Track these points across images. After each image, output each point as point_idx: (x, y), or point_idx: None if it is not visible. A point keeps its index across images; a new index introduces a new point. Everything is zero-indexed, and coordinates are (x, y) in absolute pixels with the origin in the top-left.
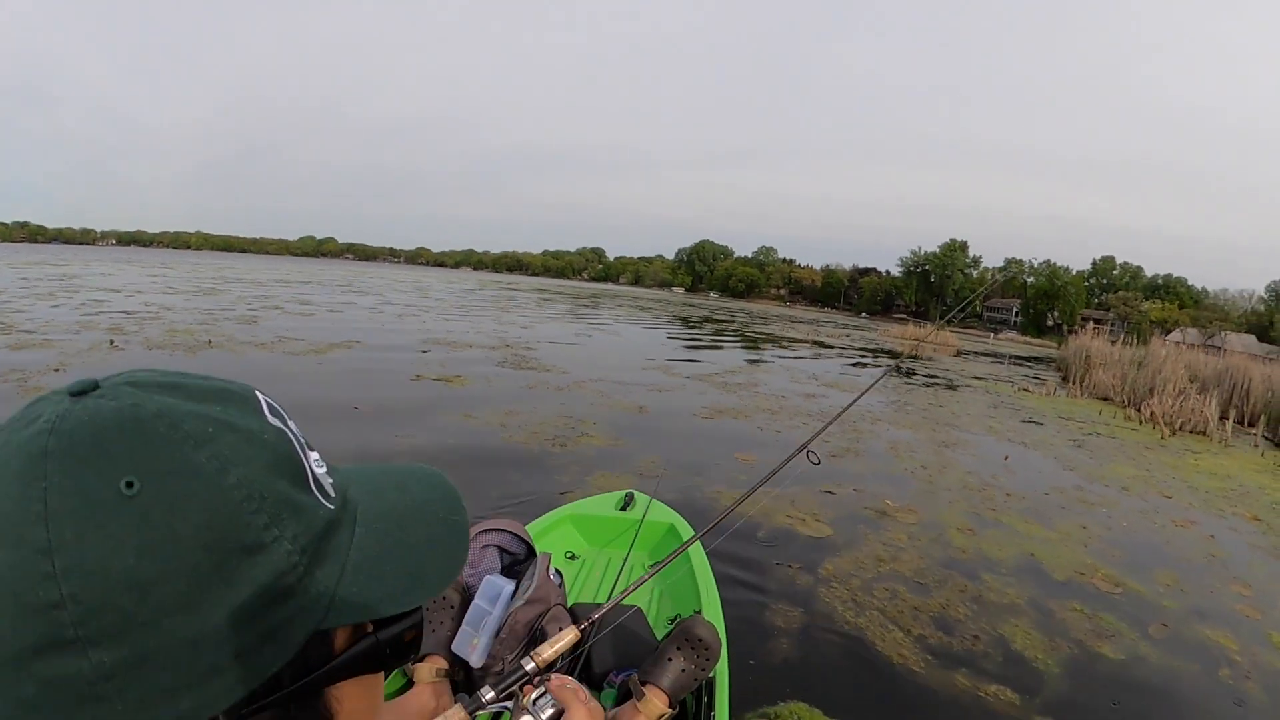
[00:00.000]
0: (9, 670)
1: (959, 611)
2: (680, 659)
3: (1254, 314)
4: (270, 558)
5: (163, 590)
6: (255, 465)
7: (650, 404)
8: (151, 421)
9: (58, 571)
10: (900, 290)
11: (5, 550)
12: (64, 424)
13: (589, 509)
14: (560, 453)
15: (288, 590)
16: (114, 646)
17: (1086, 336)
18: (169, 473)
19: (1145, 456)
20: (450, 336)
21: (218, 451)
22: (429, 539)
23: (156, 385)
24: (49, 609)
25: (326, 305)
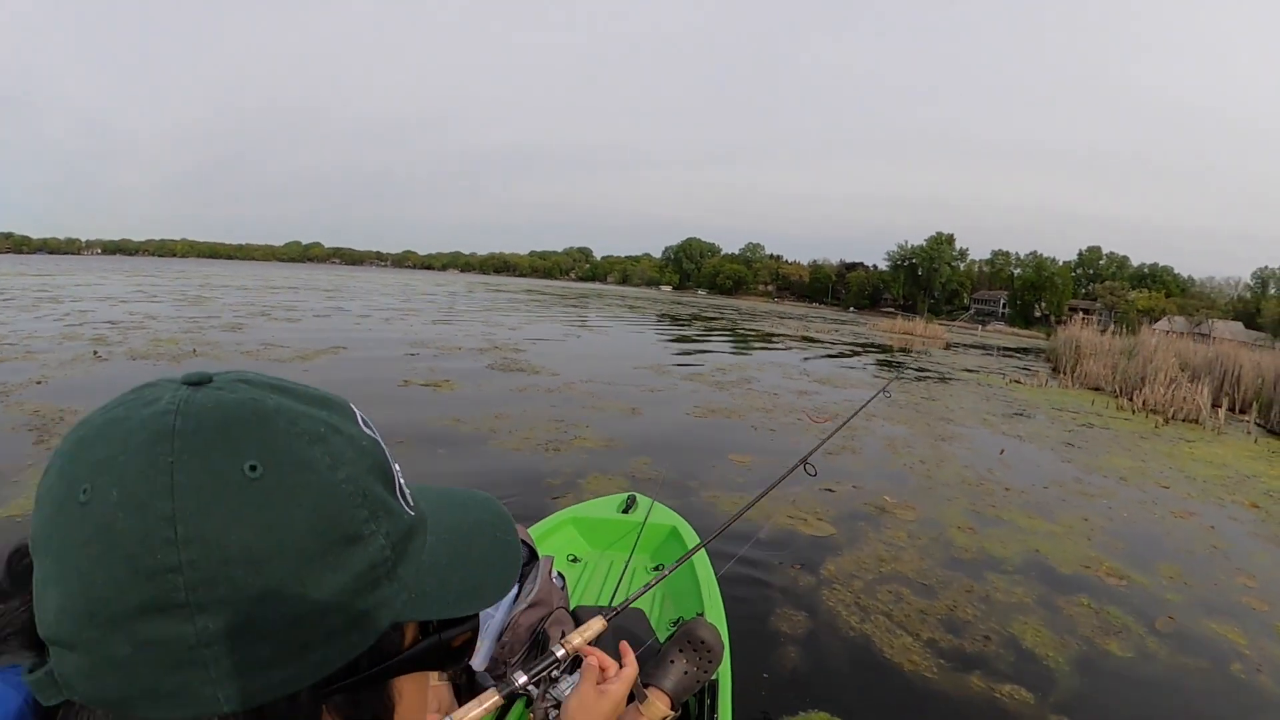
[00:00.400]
0: (109, 628)
1: (966, 613)
2: (683, 661)
3: (1240, 301)
4: (367, 549)
5: (273, 567)
6: (359, 466)
7: (642, 405)
8: (273, 416)
9: (179, 539)
10: (888, 284)
11: (127, 515)
12: (189, 408)
13: (591, 511)
14: (552, 457)
15: (377, 581)
16: (220, 614)
17: (1076, 327)
18: (289, 463)
19: (1140, 446)
20: (438, 340)
21: (330, 450)
22: (487, 555)
23: (268, 385)
24: (165, 572)
25: (313, 311)
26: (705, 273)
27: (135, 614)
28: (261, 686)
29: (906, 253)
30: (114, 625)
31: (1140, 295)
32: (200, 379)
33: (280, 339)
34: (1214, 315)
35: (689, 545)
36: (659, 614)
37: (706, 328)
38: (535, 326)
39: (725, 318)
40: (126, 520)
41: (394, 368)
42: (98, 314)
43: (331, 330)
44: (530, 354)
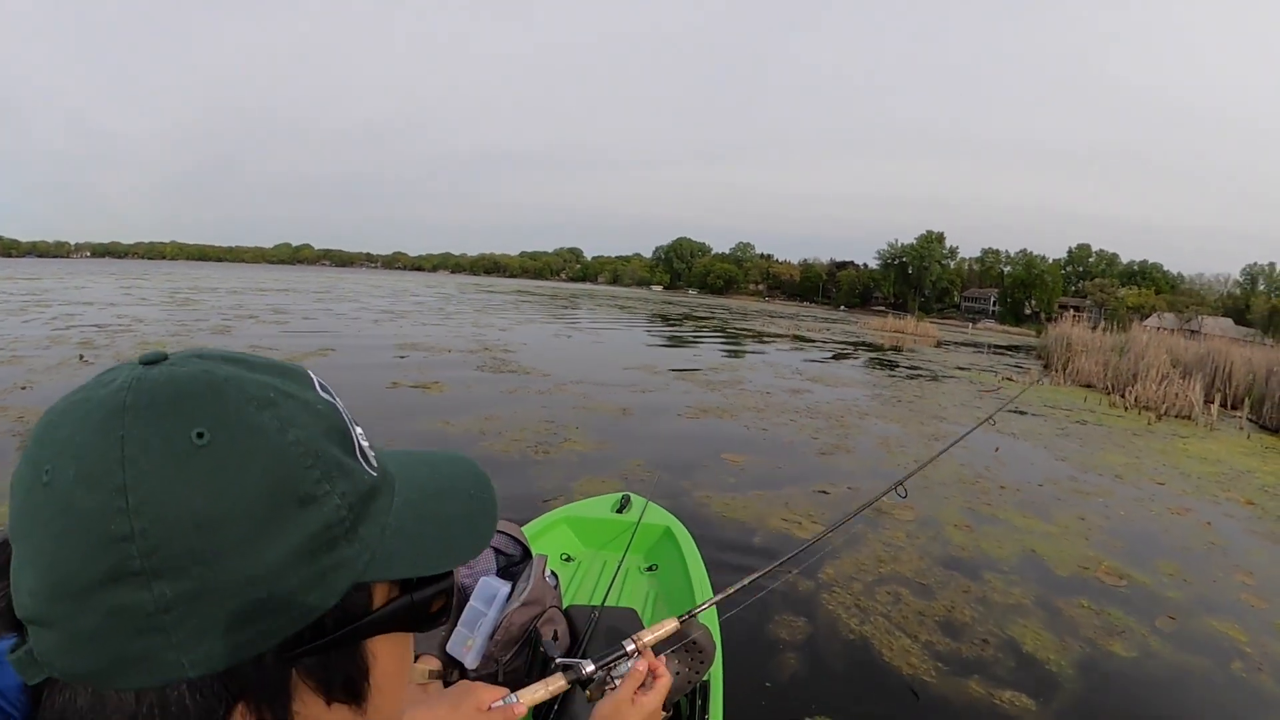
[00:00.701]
0: (75, 601)
1: (965, 614)
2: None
3: (1230, 297)
4: (321, 510)
5: (226, 531)
6: (311, 429)
7: (634, 405)
8: (222, 385)
9: (130, 507)
10: (878, 282)
11: (85, 490)
12: (141, 384)
13: (585, 511)
14: (543, 460)
15: (334, 541)
16: (176, 580)
17: (1067, 324)
18: (237, 427)
19: (1134, 443)
20: (428, 341)
21: (279, 414)
22: (460, 513)
23: (222, 358)
24: (119, 541)
25: (302, 313)
26: (696, 272)
27: (98, 585)
28: (224, 650)
29: (897, 251)
30: (81, 598)
31: (1130, 292)
32: (156, 358)
33: (268, 342)
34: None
35: (682, 545)
36: (651, 614)
37: (698, 327)
38: (526, 327)
39: (716, 317)
40: (83, 495)
41: (383, 370)
42: (85, 317)
43: (320, 332)
44: (521, 355)
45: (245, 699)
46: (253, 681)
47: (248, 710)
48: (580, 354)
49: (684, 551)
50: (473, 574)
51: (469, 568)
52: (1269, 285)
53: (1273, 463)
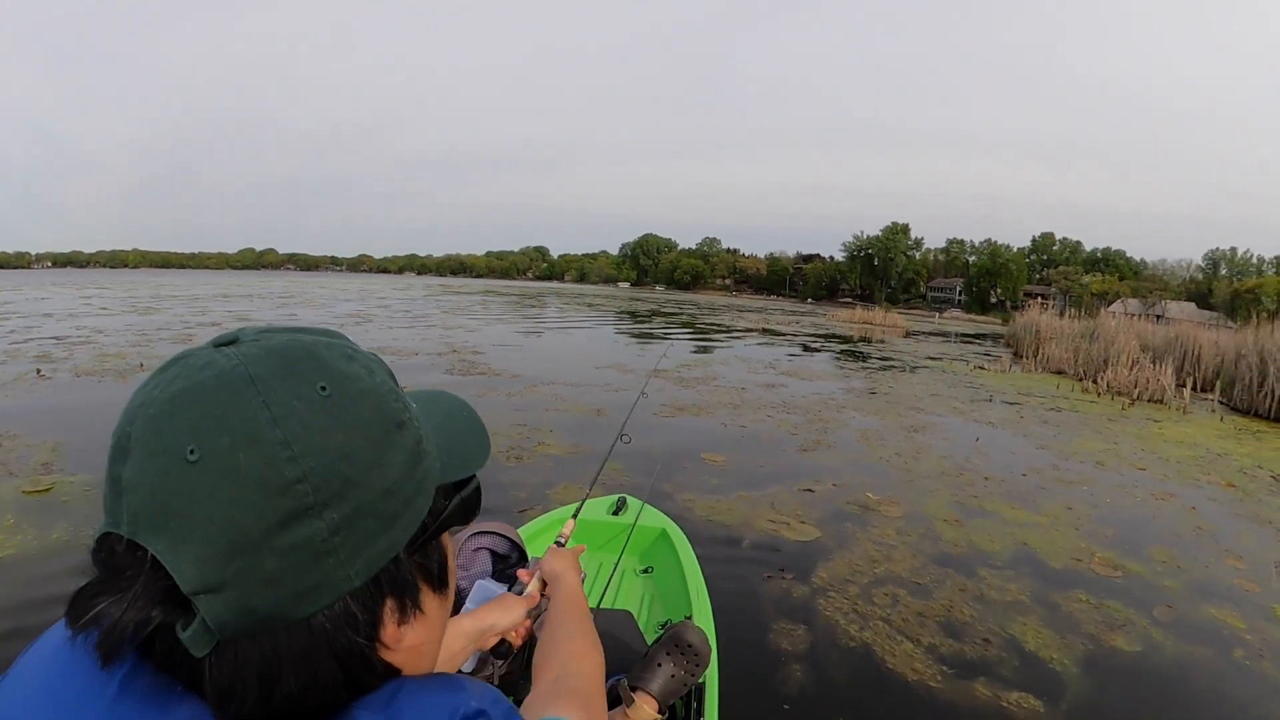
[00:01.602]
0: (254, 551)
1: (964, 613)
2: (670, 664)
3: (1192, 282)
4: (410, 431)
5: (363, 456)
6: (381, 371)
7: (608, 405)
8: (315, 347)
9: (296, 454)
10: (844, 275)
11: (248, 452)
12: (251, 359)
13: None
14: (516, 466)
15: (421, 454)
16: (340, 505)
17: (1034, 311)
18: (343, 377)
19: (1110, 429)
20: (395, 344)
21: (361, 364)
22: (467, 429)
23: (288, 330)
24: (294, 484)
25: (266, 319)
26: (663, 268)
27: (277, 529)
28: (377, 555)
29: (862, 243)
30: (259, 547)
31: (1094, 279)
32: (231, 339)
33: None
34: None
35: (678, 547)
36: (647, 616)
37: (667, 323)
38: (494, 328)
39: (685, 313)
40: (248, 456)
41: None
42: (44, 329)
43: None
44: (490, 356)
45: (391, 595)
46: (394, 579)
47: (394, 605)
48: (550, 354)
49: (679, 553)
50: (468, 577)
51: (464, 570)
52: (1231, 270)
53: (1247, 444)
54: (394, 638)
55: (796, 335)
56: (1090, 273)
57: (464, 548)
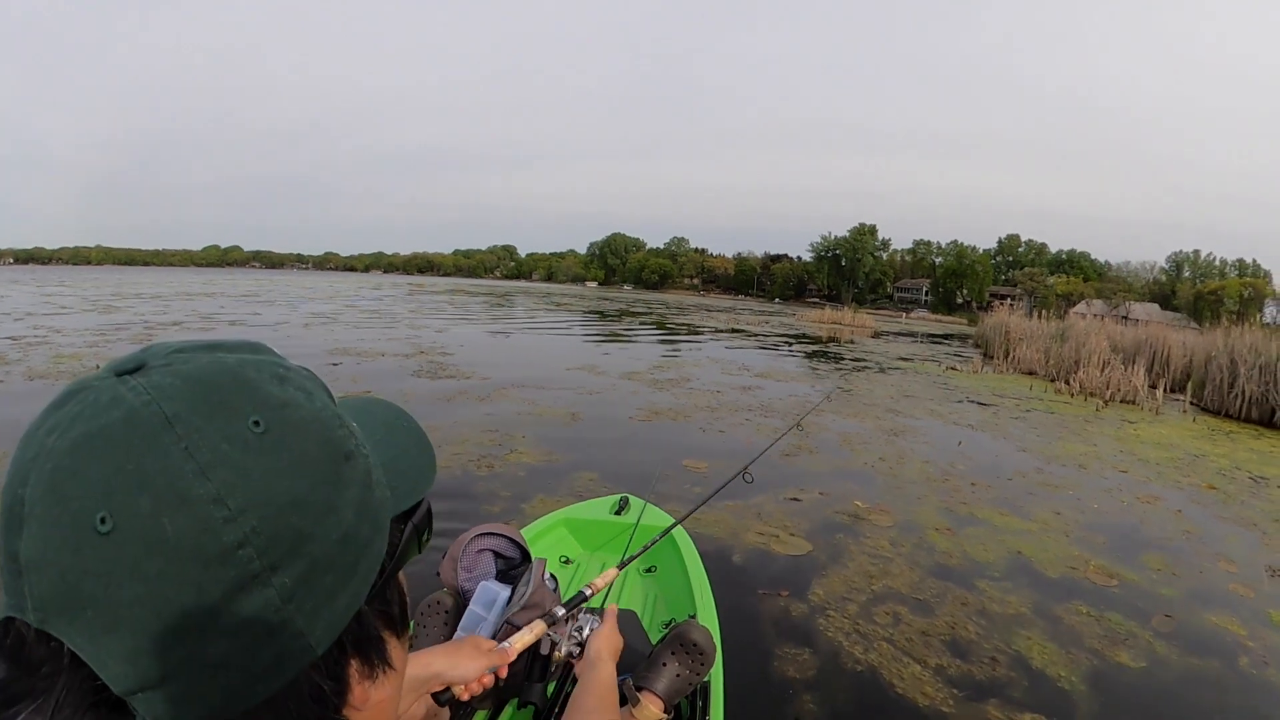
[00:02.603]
0: (194, 639)
1: (968, 630)
2: (675, 664)
3: (1156, 284)
4: (360, 461)
5: (313, 501)
6: (319, 392)
7: (581, 409)
8: (241, 369)
9: (235, 512)
10: (812, 275)
11: (174, 515)
12: (162, 392)
13: (583, 513)
14: (487, 475)
15: (371, 487)
16: (292, 565)
17: (1003, 312)
18: (279, 406)
19: (1087, 430)
20: (361, 345)
21: (296, 385)
22: (410, 443)
23: (201, 347)
24: (234, 550)
25: (228, 318)
26: (631, 268)
27: (220, 606)
28: (339, 614)
29: (830, 244)
30: (201, 629)
31: (1059, 280)
32: (136, 364)
33: None
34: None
35: (681, 547)
36: (651, 616)
37: (637, 323)
38: (462, 328)
39: (654, 312)
40: (175, 521)
41: None
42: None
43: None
44: (458, 358)
45: (356, 656)
46: (358, 637)
47: (361, 665)
48: (520, 355)
49: (683, 553)
50: (473, 578)
51: (468, 571)
52: (1194, 272)
53: (1222, 445)
54: (361, 699)
55: (768, 336)
56: (1055, 274)
57: (468, 549)
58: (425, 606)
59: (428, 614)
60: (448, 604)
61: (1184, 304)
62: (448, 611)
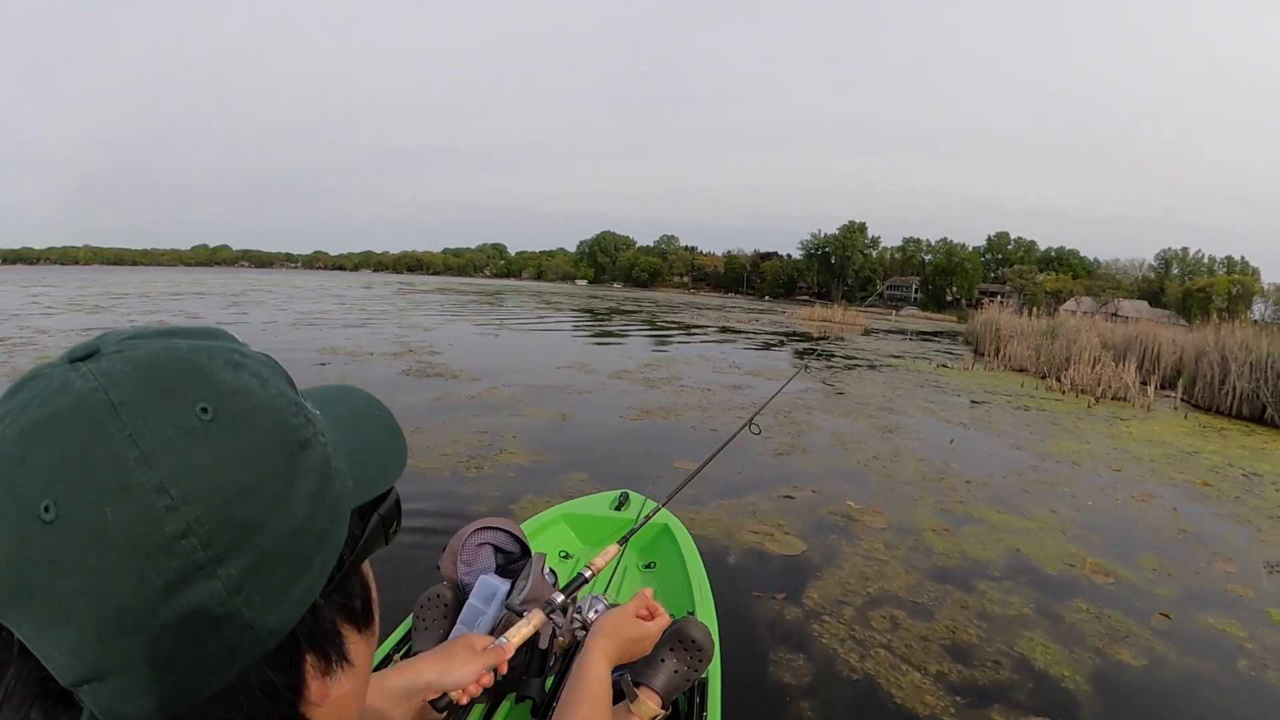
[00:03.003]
0: (141, 627)
1: (970, 634)
2: (673, 660)
3: (1144, 281)
4: (315, 450)
5: (262, 491)
6: (276, 378)
7: (572, 409)
8: (192, 355)
9: (177, 502)
10: (802, 273)
11: (115, 504)
12: (111, 378)
13: (583, 508)
14: (477, 476)
15: (331, 474)
16: (238, 556)
17: (993, 309)
18: (230, 393)
19: (1080, 427)
20: (349, 345)
21: (251, 371)
22: (380, 431)
23: (157, 334)
24: (178, 539)
25: (216, 317)
26: (621, 266)
27: (164, 597)
28: (291, 608)
29: (820, 242)
30: (145, 622)
31: (1048, 277)
32: (90, 350)
33: None
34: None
35: (680, 542)
36: None
37: (627, 321)
38: (451, 327)
39: (644, 310)
40: (117, 510)
41: (298, 379)
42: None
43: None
44: (447, 357)
45: (311, 650)
46: (314, 631)
47: (317, 660)
48: (509, 354)
49: (682, 549)
50: (472, 572)
51: (468, 565)
52: (1182, 269)
53: (1214, 441)
54: (319, 694)
55: (758, 334)
56: (1044, 271)
57: (468, 543)
58: (425, 600)
59: (427, 607)
60: (447, 597)
61: (1173, 301)
62: (447, 605)
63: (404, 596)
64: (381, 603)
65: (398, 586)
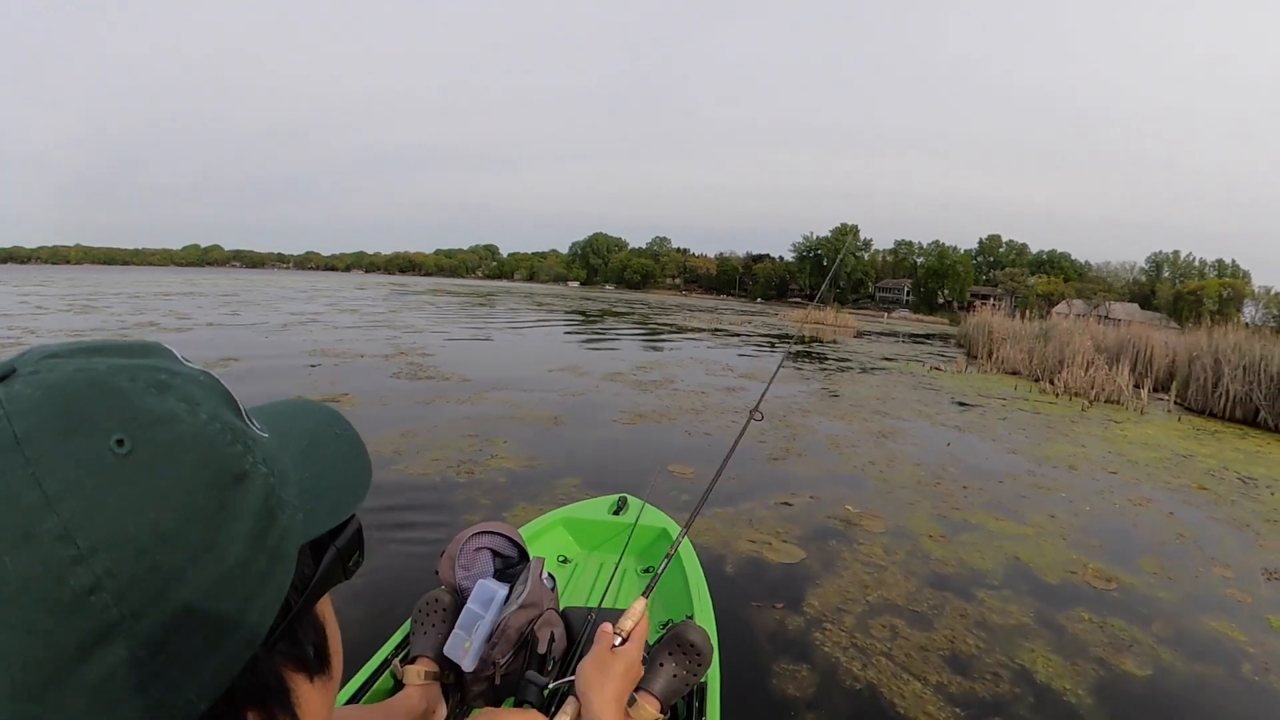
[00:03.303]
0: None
1: (969, 644)
2: (671, 664)
3: (1135, 284)
4: (255, 484)
5: (187, 535)
6: (211, 402)
7: (564, 412)
8: (110, 378)
9: (83, 551)
10: (794, 275)
11: (16, 554)
12: (15, 405)
13: (581, 513)
14: (467, 481)
15: (273, 512)
16: (158, 610)
17: (986, 312)
18: (152, 422)
19: (1074, 431)
20: (339, 346)
21: (180, 394)
22: (340, 454)
23: (79, 351)
24: (86, 595)
25: (206, 318)
26: (613, 267)
27: (75, 659)
28: (224, 664)
29: (812, 244)
30: (55, 686)
31: (1040, 280)
32: (4, 372)
33: None
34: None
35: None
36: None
37: (619, 323)
38: (443, 329)
39: (637, 312)
40: (17, 560)
41: (288, 380)
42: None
43: (223, 340)
44: (439, 359)
45: (252, 709)
46: (253, 689)
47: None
48: (501, 356)
49: (681, 554)
50: (470, 576)
51: (466, 570)
52: (1173, 272)
53: (1208, 445)
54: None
55: (750, 335)
56: (1036, 274)
57: (465, 547)
58: (423, 604)
59: (426, 611)
60: (446, 601)
61: (1164, 304)
62: (445, 609)
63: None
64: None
65: (386, 595)
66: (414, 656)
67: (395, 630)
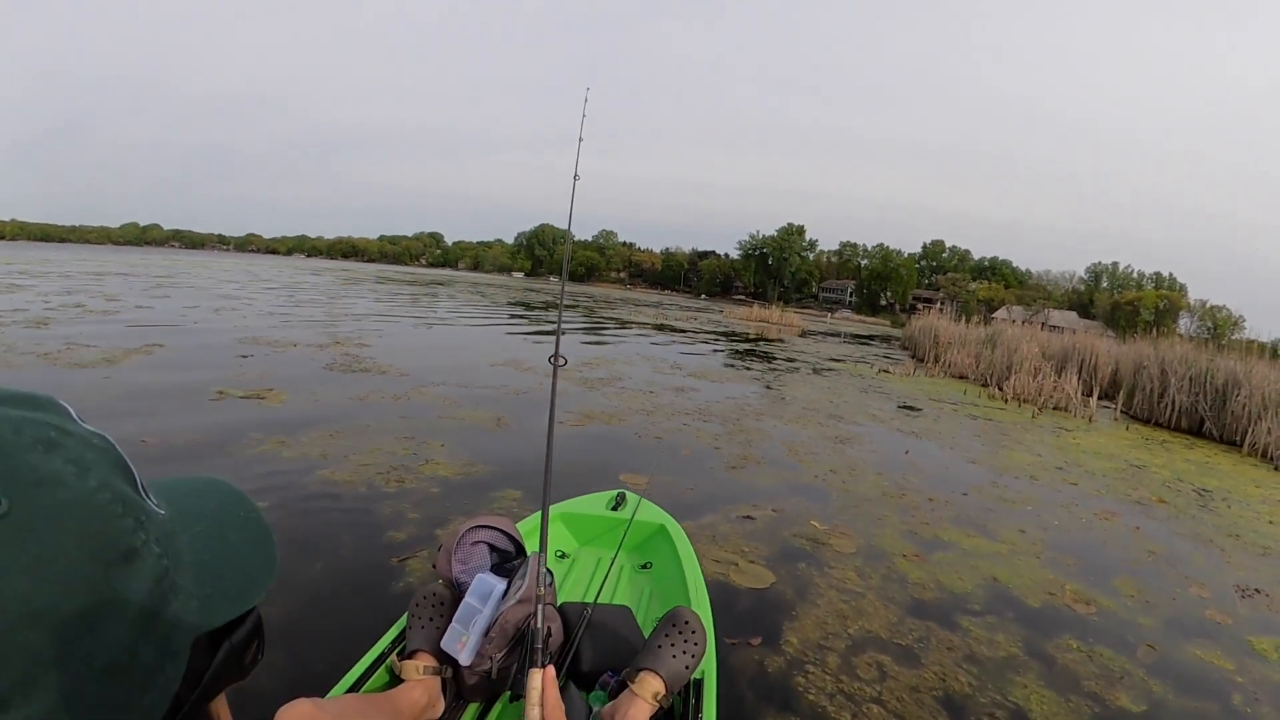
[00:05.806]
0: None
1: (960, 682)
2: (668, 644)
3: (1074, 292)
4: (145, 564)
5: (64, 613)
6: (103, 468)
7: (508, 412)
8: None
9: None
10: (739, 272)
11: None
12: None
13: (579, 508)
14: (395, 491)
15: (165, 596)
16: (27, 699)
17: (931, 316)
18: (34, 483)
19: (1028, 439)
20: (272, 334)
21: (69, 456)
22: (244, 538)
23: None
24: None
25: (137, 300)
26: (558, 259)
27: None
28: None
29: (758, 242)
30: None
31: (981, 286)
32: None
33: (89, 336)
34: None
35: (676, 543)
36: (646, 611)
37: (565, 316)
38: (382, 317)
39: (581, 305)
40: None
41: (213, 372)
42: None
43: (152, 324)
44: (376, 350)
45: None
46: None
47: None
48: (442, 348)
49: (678, 549)
50: (468, 570)
51: (463, 564)
52: (1112, 282)
53: (1159, 455)
54: None
55: (698, 333)
56: (978, 280)
57: (462, 541)
58: (421, 598)
59: (423, 605)
60: (444, 596)
61: (1101, 313)
62: (443, 604)
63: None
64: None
65: (271, 635)
66: (411, 651)
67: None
